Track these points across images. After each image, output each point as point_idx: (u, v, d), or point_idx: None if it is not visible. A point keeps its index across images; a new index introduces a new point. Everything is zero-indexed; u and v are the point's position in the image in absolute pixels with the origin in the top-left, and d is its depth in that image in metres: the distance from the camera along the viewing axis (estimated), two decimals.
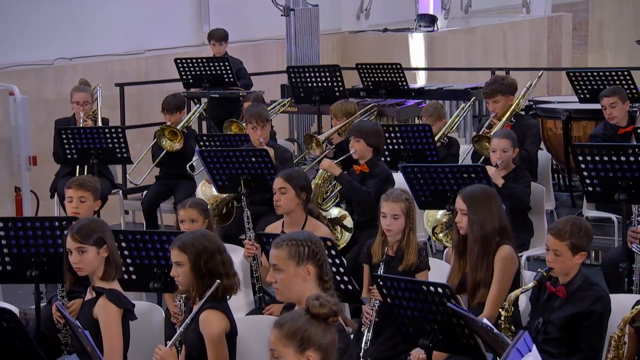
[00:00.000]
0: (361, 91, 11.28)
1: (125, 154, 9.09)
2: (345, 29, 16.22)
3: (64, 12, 12.54)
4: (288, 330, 3.94)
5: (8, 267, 6.19)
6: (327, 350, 3.96)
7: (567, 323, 5.39)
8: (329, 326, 3.99)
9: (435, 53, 15.50)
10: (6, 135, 10.69)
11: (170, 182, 9.49)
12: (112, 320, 5.19)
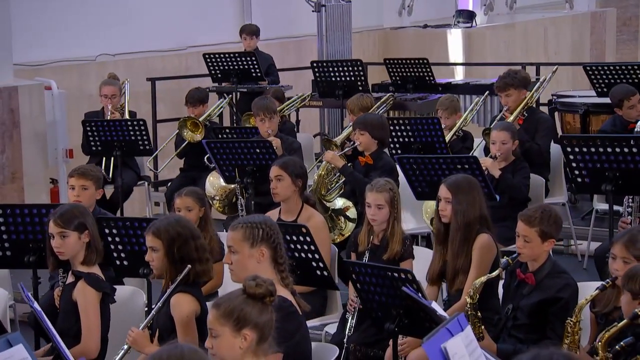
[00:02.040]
0: (390, 86, 11.30)
1: (147, 146, 9.23)
2: (387, 25, 16.20)
3: (107, 9, 12.62)
4: (225, 310, 4.03)
5: (7, 252, 6.37)
6: (263, 329, 4.04)
7: (534, 309, 5.42)
8: (265, 306, 4.08)
9: (473, 49, 15.41)
10: (42, 128, 10.83)
11: (193, 174, 9.61)
12: (89, 303, 5.33)
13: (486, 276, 5.51)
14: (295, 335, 4.65)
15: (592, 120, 9.79)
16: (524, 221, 5.43)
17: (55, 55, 12.06)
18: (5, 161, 10.57)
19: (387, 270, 5.21)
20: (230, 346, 4.01)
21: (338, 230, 7.83)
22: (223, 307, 4.03)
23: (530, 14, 18.47)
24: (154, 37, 13.11)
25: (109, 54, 12.61)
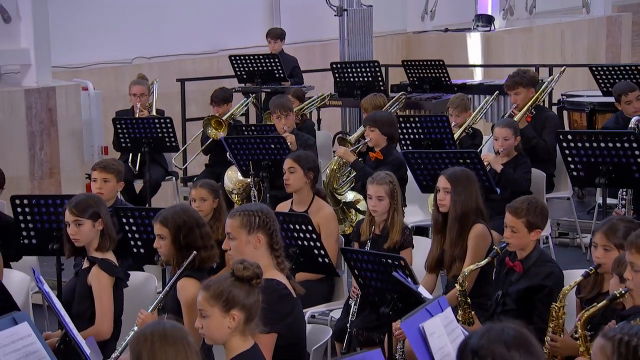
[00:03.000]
0: (408, 86, 11.34)
1: (174, 142, 9.30)
2: (411, 29, 16.22)
3: (143, 14, 12.74)
4: (214, 291, 4.09)
5: (33, 240, 6.48)
6: (250, 309, 4.10)
7: (522, 296, 5.43)
8: (252, 288, 4.13)
9: (491, 51, 15.39)
10: (78, 126, 10.97)
11: (217, 170, 9.67)
12: (103, 287, 5.40)
13: (475, 264, 5.55)
14: (289, 317, 4.70)
15: (598, 119, 9.78)
16: (511, 213, 5.46)
17: (93, 58, 12.20)
18: (44, 157, 10.71)
19: (382, 257, 5.26)
20: (220, 326, 4.06)
21: (349, 222, 7.88)
22: (212, 289, 4.09)
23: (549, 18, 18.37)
24: (186, 41, 13.21)
25: (144, 57, 12.74)
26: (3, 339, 3.99)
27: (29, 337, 4.08)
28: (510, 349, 2.89)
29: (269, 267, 4.79)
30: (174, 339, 3.45)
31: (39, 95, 10.67)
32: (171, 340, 3.45)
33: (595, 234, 5.01)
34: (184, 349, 3.46)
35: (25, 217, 6.44)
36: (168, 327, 3.49)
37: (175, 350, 3.44)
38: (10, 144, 10.40)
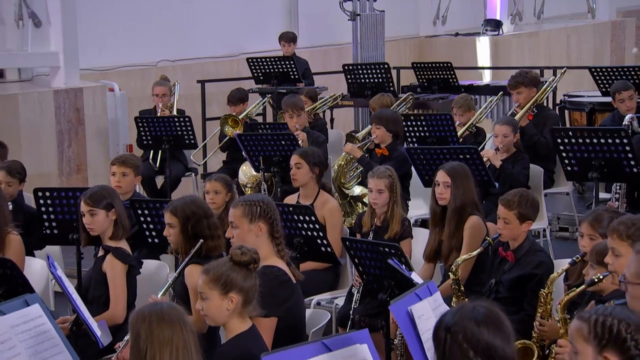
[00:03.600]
0: (417, 87, 11.34)
1: (192, 140, 9.34)
2: (423, 34, 16.23)
3: (167, 19, 12.80)
4: (213, 275, 4.12)
5: (55, 231, 6.53)
6: (248, 292, 4.12)
7: (514, 284, 5.45)
8: (250, 272, 4.15)
9: (499, 55, 15.38)
10: (104, 125, 11.04)
11: (234, 166, 9.66)
12: (117, 274, 5.45)
13: (468, 254, 5.55)
14: (288, 301, 4.73)
15: (597, 117, 9.76)
16: (504, 205, 5.47)
17: (120, 61, 12.26)
18: (72, 154, 10.79)
19: (379, 246, 5.27)
20: (219, 308, 4.09)
21: (356, 215, 7.88)
22: (212, 273, 4.12)
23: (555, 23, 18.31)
24: (209, 45, 13.27)
25: (169, 60, 12.78)
26: (15, 320, 4.03)
27: (40, 317, 4.12)
28: (480, 326, 2.91)
29: (270, 255, 4.82)
30: (170, 319, 3.49)
31: (67, 95, 10.74)
32: (167, 319, 3.49)
33: (581, 224, 5.00)
34: (180, 329, 3.50)
35: (47, 209, 6.48)
36: (165, 307, 3.53)
37: (171, 329, 3.48)
38: (40, 142, 10.49)
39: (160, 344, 3.45)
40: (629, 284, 3.61)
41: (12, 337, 3.97)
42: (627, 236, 4.09)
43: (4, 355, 3.91)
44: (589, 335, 3.12)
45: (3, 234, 5.73)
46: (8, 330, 3.97)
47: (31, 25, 10.88)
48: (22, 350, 3.98)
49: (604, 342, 3.11)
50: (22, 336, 4.00)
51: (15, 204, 6.96)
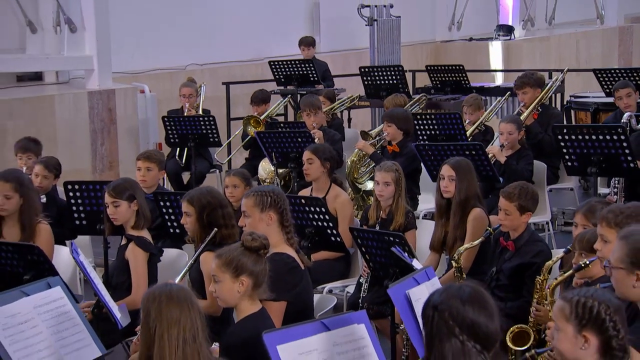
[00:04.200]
0: (431, 89, 11.32)
1: (216, 138, 9.37)
2: (439, 39, 16.19)
3: (196, 25, 12.83)
4: (225, 259, 4.15)
5: (84, 221, 6.59)
6: (257, 276, 4.15)
7: (513, 272, 5.45)
8: (260, 257, 4.18)
9: (511, 58, 15.32)
10: (135, 125, 11.12)
11: (256, 163, 9.64)
12: (138, 261, 5.49)
13: (469, 243, 5.56)
14: (297, 286, 4.75)
15: (601, 117, 9.71)
16: (505, 197, 5.47)
17: (152, 64, 12.33)
18: (104, 152, 10.88)
19: (384, 235, 5.29)
20: (230, 290, 4.12)
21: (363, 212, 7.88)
22: (224, 257, 4.15)
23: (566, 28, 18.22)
24: (235, 50, 13.29)
25: (197, 64, 12.83)
26: (38, 300, 4.08)
27: (61, 299, 4.17)
28: (465, 304, 2.93)
29: (280, 242, 4.84)
30: (178, 299, 3.52)
31: (100, 96, 10.83)
32: (176, 300, 3.51)
33: (575, 214, 5.00)
34: (188, 309, 3.52)
35: (77, 201, 6.54)
36: (175, 288, 3.56)
37: (179, 309, 3.50)
38: (75, 140, 10.59)
39: (168, 323, 3.48)
40: (613, 269, 3.61)
41: (34, 317, 4.02)
42: (615, 224, 4.08)
43: (27, 333, 3.96)
44: (570, 314, 3.14)
45: (34, 223, 5.79)
46: (31, 310, 4.02)
47: (67, 30, 11.00)
48: (44, 329, 4.03)
49: (584, 321, 3.13)
50: (44, 316, 4.05)
51: (49, 197, 7.03)
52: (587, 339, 3.14)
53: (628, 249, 3.56)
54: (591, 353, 3.14)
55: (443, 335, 2.89)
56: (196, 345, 3.50)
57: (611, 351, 3.14)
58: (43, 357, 3.94)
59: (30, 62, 11.18)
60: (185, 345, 3.47)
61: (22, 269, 5.11)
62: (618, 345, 3.14)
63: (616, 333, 3.13)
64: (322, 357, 3.43)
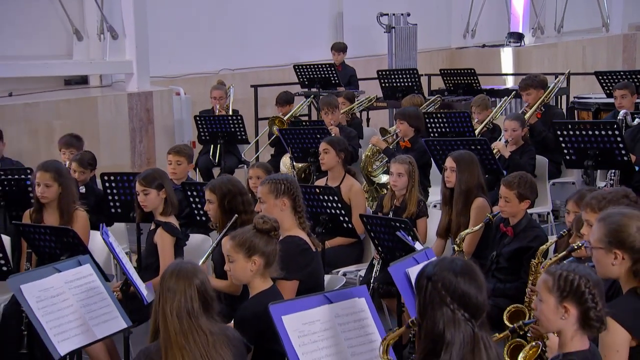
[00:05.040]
0: (445, 91, 11.30)
1: (244, 136, 9.42)
2: (454, 45, 16.16)
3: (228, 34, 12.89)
4: (239, 240, 4.18)
5: (119, 210, 6.67)
6: (268, 256, 4.17)
7: (512, 256, 5.44)
8: (271, 238, 4.20)
9: (521, 64, 15.25)
10: (170, 124, 11.20)
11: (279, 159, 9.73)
12: (166, 245, 5.53)
13: (471, 228, 5.56)
14: (308, 266, 4.77)
15: (602, 116, 9.61)
16: (505, 185, 5.47)
17: (187, 69, 12.40)
18: (142, 149, 10.96)
19: (390, 221, 5.30)
20: (243, 269, 4.15)
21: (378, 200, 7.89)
22: (237, 238, 4.18)
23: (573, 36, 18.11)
24: (264, 56, 13.34)
25: (229, 69, 12.89)
26: (70, 276, 4.15)
27: (90, 276, 4.23)
28: (457, 276, 2.94)
29: (293, 226, 4.87)
30: (178, 276, 3.51)
31: (139, 98, 10.92)
32: (177, 275, 3.51)
33: (567, 202, 4.99)
34: (185, 285, 3.50)
35: (112, 191, 6.62)
36: (182, 266, 3.57)
37: (177, 283, 3.50)
38: (116, 138, 10.68)
39: (166, 297, 3.48)
40: (593, 249, 3.61)
41: (66, 291, 4.09)
42: (598, 209, 4.08)
43: (59, 306, 4.03)
44: (552, 286, 3.16)
45: (71, 210, 5.86)
46: (62, 285, 4.09)
47: (110, 38, 11.10)
48: (75, 302, 4.09)
49: (564, 293, 3.15)
50: (74, 291, 4.12)
51: (87, 187, 7.11)
52: (567, 309, 3.16)
53: (606, 230, 3.56)
54: (571, 323, 3.17)
55: (435, 304, 2.90)
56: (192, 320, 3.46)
57: (589, 321, 3.16)
58: (73, 327, 4.01)
59: (76, 66, 11.29)
60: (181, 320, 3.45)
61: (58, 250, 5.19)
62: (596, 316, 3.16)
63: (594, 305, 3.15)
64: (324, 327, 3.46)
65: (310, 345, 3.39)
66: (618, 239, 3.55)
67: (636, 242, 3.54)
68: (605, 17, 18.29)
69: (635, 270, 3.55)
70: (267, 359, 3.99)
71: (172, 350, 3.41)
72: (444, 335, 2.85)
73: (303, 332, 3.39)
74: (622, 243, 3.54)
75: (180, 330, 3.43)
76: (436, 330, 2.87)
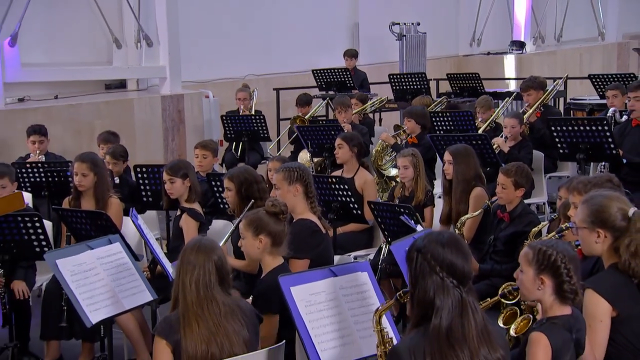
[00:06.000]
0: (451, 94, 11.28)
1: (266, 134, 9.42)
2: (461, 53, 16.11)
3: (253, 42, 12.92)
4: (249, 220, 4.22)
5: (150, 199, 6.70)
6: (275, 236, 4.18)
7: (508, 239, 5.42)
8: (279, 220, 4.21)
9: (523, 70, 15.16)
10: (200, 124, 11.25)
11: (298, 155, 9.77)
12: (190, 229, 5.55)
13: (471, 214, 5.54)
14: (319, 247, 4.77)
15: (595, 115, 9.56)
16: (503, 173, 5.46)
17: (216, 75, 12.43)
18: (174, 146, 11.02)
19: (395, 207, 5.30)
20: (252, 246, 4.18)
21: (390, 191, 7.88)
22: (249, 218, 4.21)
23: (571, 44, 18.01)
24: (286, 62, 13.35)
25: (254, 74, 12.91)
26: (101, 253, 4.18)
27: (120, 253, 4.26)
28: (444, 247, 2.94)
29: (305, 210, 4.87)
30: (199, 250, 3.52)
31: (172, 100, 10.97)
32: (197, 250, 3.52)
33: (559, 189, 4.97)
34: (204, 259, 3.50)
35: (144, 181, 6.66)
36: (202, 242, 3.58)
37: (197, 257, 3.50)
38: (150, 137, 10.73)
39: (187, 270, 3.48)
40: (578, 229, 3.60)
41: (97, 266, 4.13)
42: (584, 192, 4.07)
43: (91, 279, 4.07)
44: (532, 259, 3.18)
45: (106, 197, 5.89)
46: (94, 260, 4.13)
47: (145, 46, 11.16)
48: (105, 276, 4.13)
49: (542, 266, 3.16)
50: (105, 266, 4.16)
51: (121, 178, 7.16)
52: (543, 281, 3.19)
53: (589, 210, 3.56)
54: (548, 293, 3.20)
55: (425, 273, 2.90)
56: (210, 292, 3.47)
57: (563, 293, 3.19)
58: (103, 299, 4.04)
59: (115, 72, 11.36)
60: (199, 291, 3.45)
61: (93, 232, 5.23)
62: (569, 289, 3.19)
63: (569, 279, 3.17)
64: (329, 298, 3.47)
65: (316, 314, 3.40)
66: (600, 218, 3.54)
67: (617, 221, 3.53)
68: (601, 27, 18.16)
69: (616, 247, 3.54)
70: (282, 325, 4.01)
71: (189, 318, 3.43)
72: (434, 302, 2.86)
73: (310, 301, 3.40)
74: (604, 222, 3.54)
75: (197, 300, 3.45)
76: (427, 297, 2.87)
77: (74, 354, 5.49)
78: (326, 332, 3.38)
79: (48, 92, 10.40)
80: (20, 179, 6.92)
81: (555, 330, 3.13)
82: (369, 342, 3.43)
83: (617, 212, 3.52)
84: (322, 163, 8.15)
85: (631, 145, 6.75)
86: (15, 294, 5.28)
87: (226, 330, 3.44)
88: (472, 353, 2.81)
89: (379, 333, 3.19)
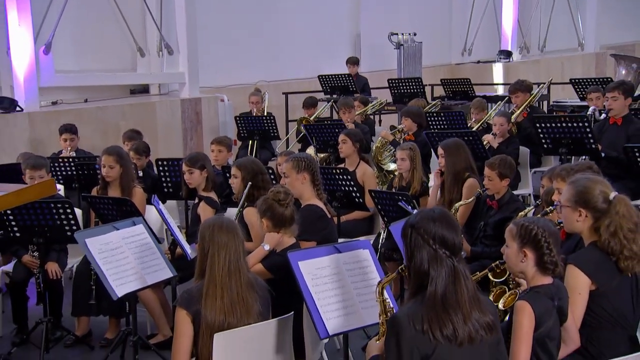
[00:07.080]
0: (445, 97, 11.26)
1: (275, 133, 9.40)
2: (454, 62, 16.07)
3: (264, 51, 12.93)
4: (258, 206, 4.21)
5: (170, 190, 6.70)
6: (277, 218, 4.18)
7: (497, 225, 5.38)
8: (282, 205, 4.20)
9: (510, 77, 15.09)
10: (216, 125, 11.24)
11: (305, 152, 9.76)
12: (207, 216, 5.46)
13: (464, 201, 5.52)
14: (325, 230, 4.77)
15: None
16: (488, 166, 5.45)
17: (230, 81, 12.43)
18: (193, 145, 11.01)
19: (394, 194, 5.28)
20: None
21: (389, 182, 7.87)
22: (257, 204, 4.21)
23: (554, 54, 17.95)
24: (294, 69, 13.33)
25: (265, 80, 12.90)
26: (125, 234, 4.18)
27: (143, 234, 4.26)
28: (435, 222, 2.93)
29: (312, 197, 4.87)
30: (227, 229, 3.52)
31: (190, 103, 10.97)
32: (225, 229, 3.52)
33: (542, 178, 4.95)
34: (234, 237, 3.51)
35: (165, 174, 6.67)
36: (225, 220, 3.58)
37: (227, 236, 3.50)
38: (171, 136, 10.73)
39: (219, 246, 3.48)
40: (563, 207, 3.59)
41: (122, 246, 4.13)
42: (567, 177, 4.05)
43: (117, 257, 4.07)
44: (515, 235, 3.19)
45: (131, 187, 5.89)
46: (120, 240, 4.13)
47: (166, 54, 11.16)
48: (130, 255, 4.13)
49: (524, 240, 3.17)
50: (130, 246, 4.16)
51: (144, 171, 7.15)
52: (525, 254, 3.19)
53: (573, 191, 3.55)
54: (530, 265, 3.21)
55: (420, 246, 2.89)
56: (239, 265, 3.50)
57: (544, 264, 3.20)
58: (128, 275, 4.04)
59: (139, 77, 11.37)
60: (230, 264, 3.47)
61: (119, 217, 5.22)
62: (550, 260, 3.20)
63: (549, 251, 3.18)
64: (333, 272, 3.47)
65: (322, 286, 3.40)
66: (583, 199, 3.53)
67: (598, 203, 3.52)
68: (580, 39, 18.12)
69: (596, 227, 3.53)
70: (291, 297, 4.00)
71: (214, 287, 3.42)
72: (429, 272, 2.85)
73: (316, 275, 3.40)
74: (587, 203, 3.52)
75: (227, 271, 3.45)
76: (422, 268, 2.86)
77: (101, 329, 5.51)
78: (331, 302, 3.38)
79: (78, 96, 10.42)
80: (53, 172, 6.94)
81: (538, 298, 3.14)
82: (370, 312, 3.43)
83: (599, 195, 3.51)
84: (327, 158, 8.14)
85: (609, 141, 6.72)
86: (49, 274, 5.29)
87: (246, 300, 3.43)
88: (465, 316, 2.80)
89: (381, 303, 3.18)
